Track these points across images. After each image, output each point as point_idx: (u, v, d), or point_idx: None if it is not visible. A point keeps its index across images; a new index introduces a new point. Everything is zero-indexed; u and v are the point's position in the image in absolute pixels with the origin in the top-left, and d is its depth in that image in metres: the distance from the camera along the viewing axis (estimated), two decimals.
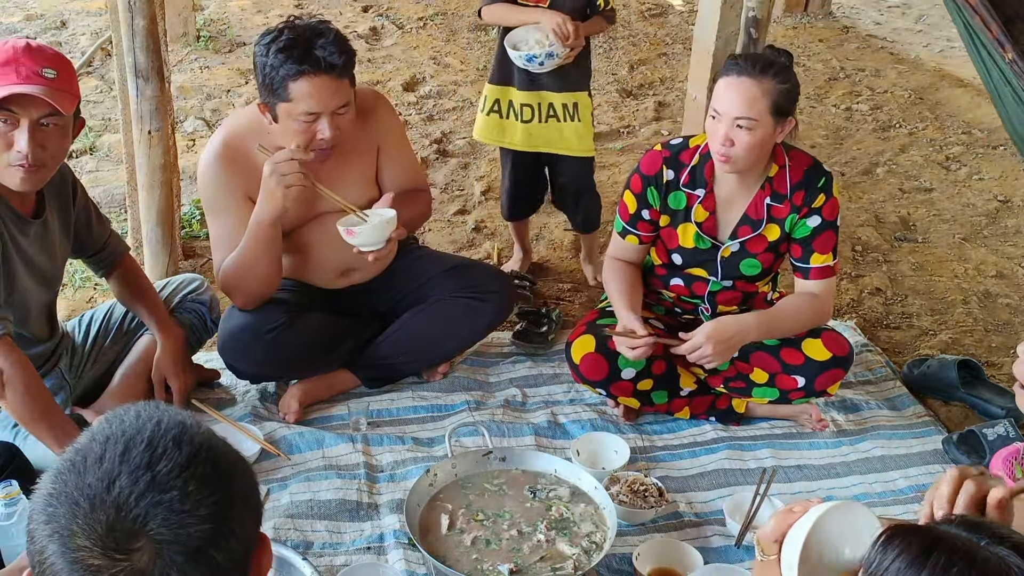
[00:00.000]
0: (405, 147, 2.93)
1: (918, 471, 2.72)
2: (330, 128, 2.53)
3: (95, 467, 0.97)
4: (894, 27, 6.35)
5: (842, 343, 2.74)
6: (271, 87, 2.50)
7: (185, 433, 1.01)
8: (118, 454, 0.98)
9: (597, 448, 2.68)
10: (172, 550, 0.95)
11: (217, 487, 0.99)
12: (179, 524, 0.95)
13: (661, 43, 5.80)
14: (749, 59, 2.57)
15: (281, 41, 2.48)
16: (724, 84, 2.54)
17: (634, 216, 2.77)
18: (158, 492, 0.95)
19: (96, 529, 0.94)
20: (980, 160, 4.62)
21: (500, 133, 3.35)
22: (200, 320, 2.84)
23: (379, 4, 6.13)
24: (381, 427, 2.79)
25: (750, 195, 2.68)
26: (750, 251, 2.73)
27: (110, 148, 4.27)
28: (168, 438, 0.99)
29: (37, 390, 2.25)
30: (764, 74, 2.50)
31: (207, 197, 2.74)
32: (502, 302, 2.95)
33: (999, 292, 3.66)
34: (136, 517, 0.94)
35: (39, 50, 2.20)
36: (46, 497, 0.98)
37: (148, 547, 0.94)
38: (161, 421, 1.01)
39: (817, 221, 2.67)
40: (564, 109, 3.26)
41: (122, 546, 0.94)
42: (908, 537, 1.12)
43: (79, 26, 5.50)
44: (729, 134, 2.51)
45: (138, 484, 0.96)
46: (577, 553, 2.26)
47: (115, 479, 0.96)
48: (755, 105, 2.49)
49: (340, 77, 2.51)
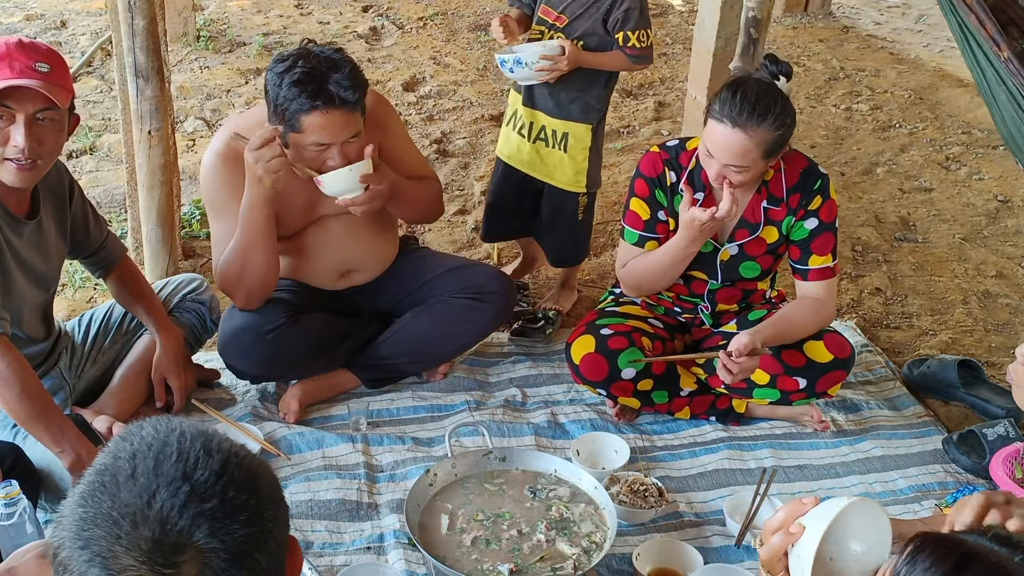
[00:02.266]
0: (410, 146, 2.91)
1: (918, 471, 2.72)
2: (340, 157, 2.54)
3: (129, 484, 0.96)
4: (894, 27, 6.35)
5: (844, 345, 2.73)
6: (283, 116, 2.50)
7: (212, 441, 1.01)
8: (150, 468, 0.97)
9: (597, 448, 2.68)
10: (218, 557, 0.94)
11: (252, 491, 0.99)
12: (223, 531, 0.95)
13: (661, 43, 5.79)
14: (746, 105, 2.42)
15: (295, 73, 2.45)
16: (716, 130, 2.46)
17: (650, 221, 2.74)
18: (199, 502, 0.95)
19: (141, 546, 0.93)
20: (980, 160, 4.62)
21: (506, 143, 3.21)
22: (200, 320, 2.84)
23: (379, 4, 6.12)
24: (381, 427, 2.79)
25: (746, 200, 2.68)
26: (749, 254, 2.73)
27: (110, 148, 4.27)
28: (197, 447, 0.99)
29: (34, 390, 2.25)
30: (760, 124, 2.42)
31: (208, 197, 2.73)
32: (503, 303, 2.95)
33: (999, 292, 3.66)
34: (181, 530, 0.94)
35: (32, 45, 2.19)
36: (78, 523, 0.96)
37: (195, 558, 0.94)
38: (184, 432, 1.01)
39: (815, 223, 2.67)
40: (554, 136, 3.08)
41: (170, 560, 0.93)
42: (940, 549, 1.09)
43: (79, 26, 5.50)
44: (722, 172, 2.51)
45: (178, 496, 0.95)
46: (577, 553, 2.26)
47: (154, 494, 0.95)
48: (747, 156, 2.46)
49: (352, 111, 2.50)
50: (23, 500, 2.04)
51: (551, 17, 3.01)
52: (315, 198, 2.70)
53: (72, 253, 2.60)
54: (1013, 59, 2.52)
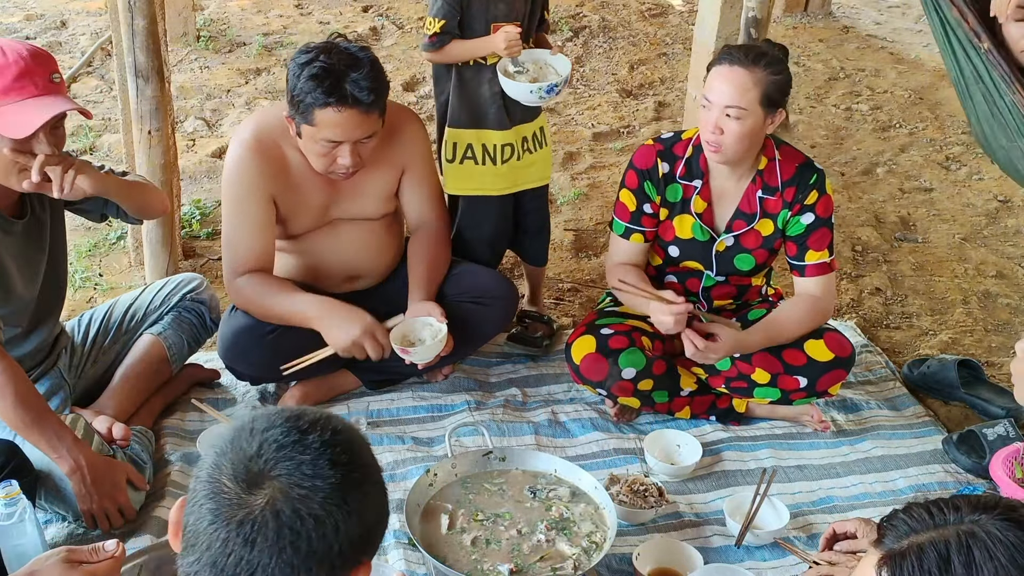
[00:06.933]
0: (430, 175, 2.88)
1: (918, 471, 2.72)
2: (351, 156, 2.54)
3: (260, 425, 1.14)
4: (894, 27, 6.34)
5: (844, 344, 2.74)
6: (298, 108, 2.50)
7: (344, 428, 1.16)
8: (284, 417, 1.14)
9: (665, 444, 2.71)
10: (290, 507, 1.07)
11: (346, 472, 1.11)
12: (306, 487, 1.08)
13: (661, 43, 5.79)
14: (742, 49, 2.57)
15: (315, 66, 2.45)
16: (716, 73, 2.55)
17: (635, 213, 2.77)
18: (295, 452, 1.10)
19: (235, 471, 1.10)
20: (980, 160, 4.62)
21: (476, 182, 2.97)
22: (200, 320, 2.84)
23: (379, 4, 6.12)
24: (381, 427, 2.79)
25: (741, 188, 2.69)
26: (744, 246, 2.73)
27: (110, 148, 4.26)
28: (331, 423, 1.15)
29: (29, 397, 2.22)
30: (756, 64, 2.51)
31: (229, 191, 2.67)
32: (505, 307, 2.95)
33: (999, 292, 3.66)
34: (268, 468, 1.09)
35: (41, 55, 2.22)
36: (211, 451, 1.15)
37: (272, 494, 1.08)
38: (332, 416, 1.18)
39: (811, 218, 2.67)
40: (534, 138, 2.99)
41: (250, 486, 1.09)
42: (907, 560, 1.10)
43: (79, 26, 5.50)
44: (719, 123, 2.52)
45: (282, 440, 1.11)
46: (577, 553, 2.26)
47: (266, 437, 1.12)
48: (746, 95, 2.49)
49: (368, 111, 2.49)
50: (23, 500, 2.04)
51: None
52: (331, 200, 2.70)
53: (95, 215, 2.59)
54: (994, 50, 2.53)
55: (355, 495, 1.11)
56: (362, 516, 1.12)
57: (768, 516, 2.48)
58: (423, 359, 2.66)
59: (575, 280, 3.63)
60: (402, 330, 2.68)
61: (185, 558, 1.11)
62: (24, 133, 2.15)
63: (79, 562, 1.46)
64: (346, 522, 1.09)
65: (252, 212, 2.64)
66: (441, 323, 2.66)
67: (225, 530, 1.07)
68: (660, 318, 2.60)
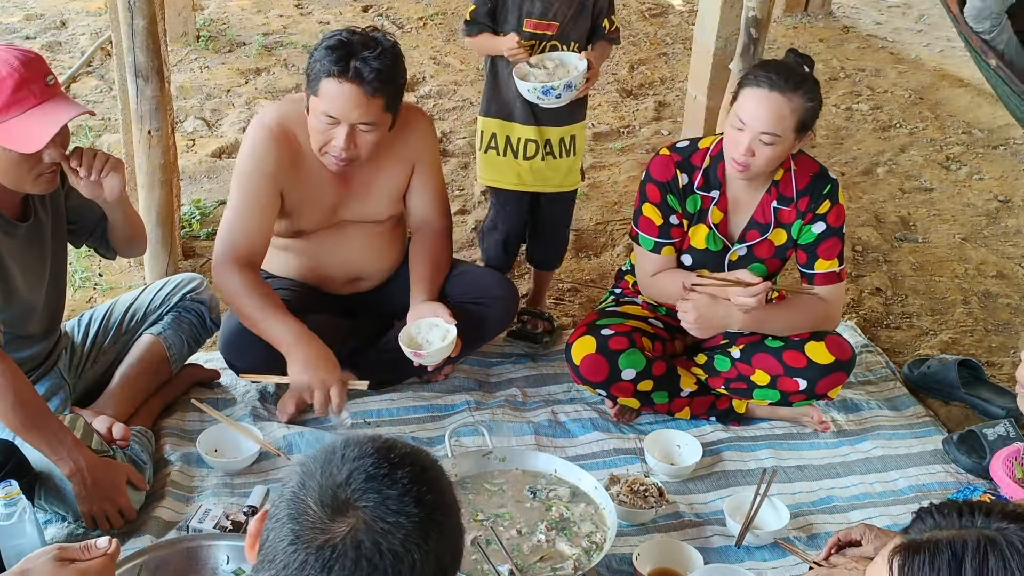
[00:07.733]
0: (437, 174, 2.89)
1: (918, 471, 2.72)
2: (345, 140, 2.52)
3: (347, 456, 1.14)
4: (894, 27, 6.34)
5: (845, 347, 2.73)
6: (308, 77, 2.54)
7: (431, 465, 1.18)
8: (376, 447, 1.14)
9: (665, 445, 2.71)
10: (371, 540, 1.06)
11: (429, 515, 1.11)
12: (388, 521, 1.08)
13: (661, 43, 5.79)
14: (781, 73, 2.48)
15: (333, 39, 2.50)
16: (753, 96, 2.48)
17: (663, 227, 2.74)
18: (383, 486, 1.10)
19: (321, 495, 1.10)
20: (980, 160, 4.62)
21: (499, 172, 3.05)
22: (199, 320, 2.83)
23: (379, 4, 6.12)
24: (381, 427, 2.79)
25: (756, 198, 2.68)
26: (757, 256, 2.73)
27: (110, 148, 4.26)
28: (420, 459, 1.16)
29: (28, 399, 2.22)
30: (795, 91, 2.46)
31: (240, 166, 2.67)
32: (506, 307, 2.94)
33: (999, 292, 3.66)
34: (354, 497, 1.09)
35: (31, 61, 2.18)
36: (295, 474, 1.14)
37: (355, 522, 1.08)
38: (420, 451, 1.19)
39: (822, 227, 2.67)
40: (561, 144, 3.00)
41: (334, 513, 1.08)
42: (921, 554, 1.09)
43: (79, 26, 5.49)
44: (752, 146, 2.50)
45: (371, 473, 1.11)
46: (577, 553, 2.26)
47: (356, 467, 1.12)
48: (782, 122, 2.46)
49: (371, 95, 2.48)
50: (23, 500, 2.04)
51: (540, 28, 2.89)
52: (341, 202, 2.70)
53: (81, 237, 2.59)
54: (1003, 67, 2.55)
55: (435, 535, 1.11)
56: (439, 557, 1.11)
57: (768, 516, 2.48)
58: (435, 361, 2.66)
59: (575, 280, 3.63)
60: (409, 332, 2.68)
61: (259, 573, 1.12)
62: (36, 147, 2.14)
63: (71, 560, 1.45)
64: (423, 561, 1.09)
65: (257, 193, 2.64)
66: (450, 323, 2.66)
67: (304, 552, 1.07)
68: (743, 300, 2.56)
